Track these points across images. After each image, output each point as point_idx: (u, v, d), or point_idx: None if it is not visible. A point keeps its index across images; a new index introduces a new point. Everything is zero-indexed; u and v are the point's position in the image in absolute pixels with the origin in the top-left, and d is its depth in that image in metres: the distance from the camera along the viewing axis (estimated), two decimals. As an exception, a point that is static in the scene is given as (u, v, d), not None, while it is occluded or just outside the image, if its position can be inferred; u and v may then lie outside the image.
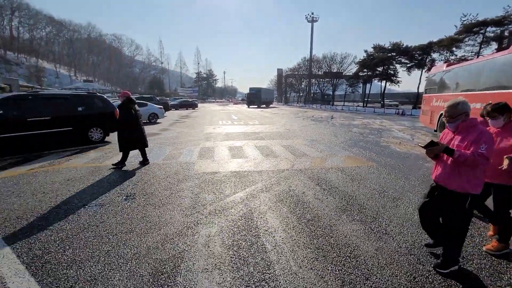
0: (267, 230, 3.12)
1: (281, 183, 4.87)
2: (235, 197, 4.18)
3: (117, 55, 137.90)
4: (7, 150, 7.11)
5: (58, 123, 7.79)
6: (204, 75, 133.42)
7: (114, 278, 2.26)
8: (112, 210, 3.64)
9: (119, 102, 5.97)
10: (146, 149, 6.37)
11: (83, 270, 2.37)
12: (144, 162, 6.27)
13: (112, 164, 5.98)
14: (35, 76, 78.60)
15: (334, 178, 5.21)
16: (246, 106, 50.07)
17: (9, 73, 73.94)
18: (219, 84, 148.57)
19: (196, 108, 39.65)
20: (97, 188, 4.55)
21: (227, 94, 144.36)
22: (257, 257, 2.58)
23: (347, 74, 57.63)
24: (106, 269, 2.38)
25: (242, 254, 2.64)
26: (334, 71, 58.88)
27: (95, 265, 2.44)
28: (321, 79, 64.86)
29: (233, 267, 2.43)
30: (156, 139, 10.10)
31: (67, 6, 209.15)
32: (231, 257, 2.59)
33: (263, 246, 2.78)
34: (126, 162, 6.05)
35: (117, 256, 2.57)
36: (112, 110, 9.00)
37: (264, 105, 50.65)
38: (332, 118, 21.67)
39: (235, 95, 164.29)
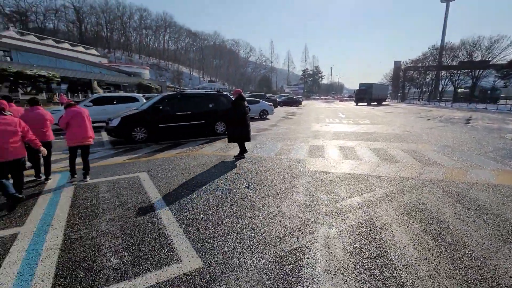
0: (394, 245, 2.80)
1: (406, 194, 4.25)
2: (352, 201, 3.95)
3: (235, 58, 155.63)
4: (164, 136, 9.32)
5: (195, 117, 9.57)
6: (310, 72, 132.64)
7: (246, 256, 2.58)
8: (238, 195, 4.16)
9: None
10: (259, 144, 6.89)
11: (222, 243, 2.82)
12: (240, 155, 6.69)
13: (234, 156, 6.80)
14: (176, 79, 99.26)
15: (484, 197, 4.11)
16: (354, 103, 46.56)
17: (160, 77, 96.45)
18: (325, 81, 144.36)
19: (300, 105, 40.04)
20: (224, 174, 5.31)
21: (333, 91, 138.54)
22: (385, 273, 2.35)
23: (498, 63, 44.19)
24: (239, 247, 2.74)
25: (367, 264, 2.47)
26: (478, 59, 46.26)
27: (230, 241, 2.85)
28: (455, 71, 52.21)
29: (358, 277, 2.30)
30: (267, 134, 10.85)
31: (200, 19, 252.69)
32: (354, 264, 2.47)
33: (391, 262, 2.50)
34: (245, 154, 6.78)
35: (246, 238, 2.91)
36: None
37: (375, 102, 45.70)
38: (469, 120, 17.18)
39: (341, 91, 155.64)
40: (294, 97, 45.95)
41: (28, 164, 5.29)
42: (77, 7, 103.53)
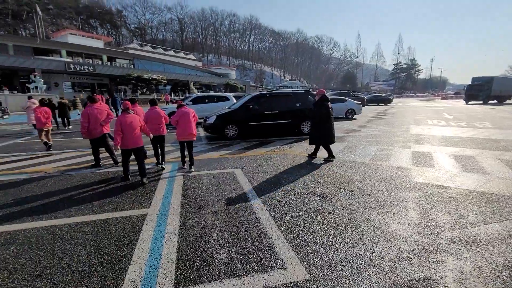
0: None
1: None
2: (489, 229, 3.11)
3: (317, 55, 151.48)
4: (252, 134, 9.76)
5: (283, 116, 9.62)
6: (404, 66, 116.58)
7: (356, 277, 2.31)
8: (336, 203, 3.88)
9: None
10: (350, 147, 6.33)
11: (325, 256, 2.62)
12: (329, 158, 6.32)
13: (324, 159, 6.45)
14: (259, 78, 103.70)
15: None
16: (464, 101, 38.28)
17: (245, 77, 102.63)
18: (423, 75, 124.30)
19: (389, 104, 35.65)
20: (316, 177, 5.08)
21: (432, 87, 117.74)
22: None
23: None
24: (346, 264, 2.49)
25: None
26: None
27: (335, 255, 2.62)
28: None
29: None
30: (357, 136, 9.98)
31: (285, 18, 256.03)
32: (511, 319, 1.88)
33: None
34: (335, 157, 6.36)
35: (353, 255, 2.63)
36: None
37: (494, 100, 36.40)
38: None
39: (444, 88, 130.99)
40: (383, 94, 41.29)
41: (148, 153, 6.35)
42: (180, 18, 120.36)
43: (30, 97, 12.24)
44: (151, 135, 5.41)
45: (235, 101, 14.88)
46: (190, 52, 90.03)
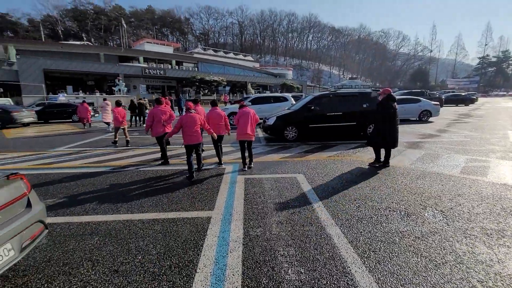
0: None
1: None
2: None
3: (381, 50, 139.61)
4: (313, 137, 9.28)
5: (347, 118, 8.88)
6: (493, 59, 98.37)
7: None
8: (422, 225, 3.23)
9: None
10: (431, 156, 5.36)
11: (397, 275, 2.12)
12: (384, 163, 5.80)
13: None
14: (316, 77, 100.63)
15: None
16: None
17: (301, 76, 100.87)
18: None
19: (471, 104, 30.27)
20: (391, 190, 4.40)
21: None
22: None
23: None
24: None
25: None
26: None
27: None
28: None
29: None
30: (437, 142, 8.58)
31: (345, 15, 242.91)
32: None
33: None
34: (411, 166, 5.48)
35: (459, 299, 2.06)
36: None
37: None
38: None
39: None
40: (463, 93, 35.43)
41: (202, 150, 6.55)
42: (240, 21, 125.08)
43: (104, 99, 14.14)
44: (215, 134, 5.79)
45: (293, 101, 14.53)
46: (248, 54, 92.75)
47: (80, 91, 35.04)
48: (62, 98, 27.57)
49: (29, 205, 2.36)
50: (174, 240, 2.96)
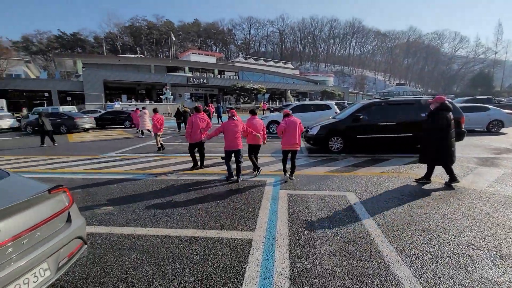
0: None
1: None
2: None
3: (434, 54, 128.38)
4: (361, 149, 8.49)
5: (402, 129, 7.92)
6: None
7: None
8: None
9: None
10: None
11: None
12: (450, 181, 5.01)
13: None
14: (359, 84, 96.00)
15: None
16: None
17: (343, 83, 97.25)
18: None
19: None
20: (468, 218, 3.57)
21: None
22: None
23: None
24: None
25: None
26: None
27: None
28: None
29: None
30: (519, 159, 7.14)
31: (393, 18, 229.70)
32: None
33: None
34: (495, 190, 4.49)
35: None
36: (459, 117, 7.59)
37: None
38: None
39: None
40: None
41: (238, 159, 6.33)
42: (281, 30, 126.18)
43: (143, 107, 15.00)
44: (261, 139, 6.07)
45: (337, 110, 13.72)
46: (288, 62, 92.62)
47: (133, 99, 38.28)
48: (117, 106, 30.33)
49: (69, 220, 2.27)
50: (213, 266, 2.66)
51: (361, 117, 8.15)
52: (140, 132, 14.16)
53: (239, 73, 56.57)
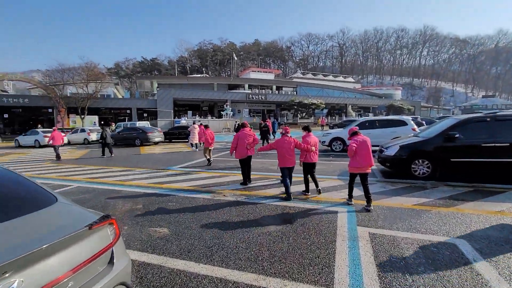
0: None
1: None
2: None
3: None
4: (456, 175, 6.79)
5: (519, 152, 6.01)
6: None
7: None
8: None
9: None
10: None
11: None
12: None
13: None
14: (433, 96, 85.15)
15: None
16: None
17: (413, 96, 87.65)
18: None
19: None
20: None
21: None
22: None
23: None
24: None
25: None
26: None
27: None
28: None
29: None
30: None
31: (474, 22, 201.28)
32: None
33: None
34: None
35: None
36: None
37: None
38: None
39: None
40: None
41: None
42: (341, 44, 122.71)
43: (194, 122, 15.46)
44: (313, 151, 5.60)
45: (414, 126, 11.77)
46: (349, 75, 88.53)
47: (197, 115, 41.19)
48: (183, 121, 32.91)
49: (111, 261, 1.87)
50: None
51: (457, 136, 6.51)
52: (194, 145, 14.56)
53: (297, 88, 56.08)
